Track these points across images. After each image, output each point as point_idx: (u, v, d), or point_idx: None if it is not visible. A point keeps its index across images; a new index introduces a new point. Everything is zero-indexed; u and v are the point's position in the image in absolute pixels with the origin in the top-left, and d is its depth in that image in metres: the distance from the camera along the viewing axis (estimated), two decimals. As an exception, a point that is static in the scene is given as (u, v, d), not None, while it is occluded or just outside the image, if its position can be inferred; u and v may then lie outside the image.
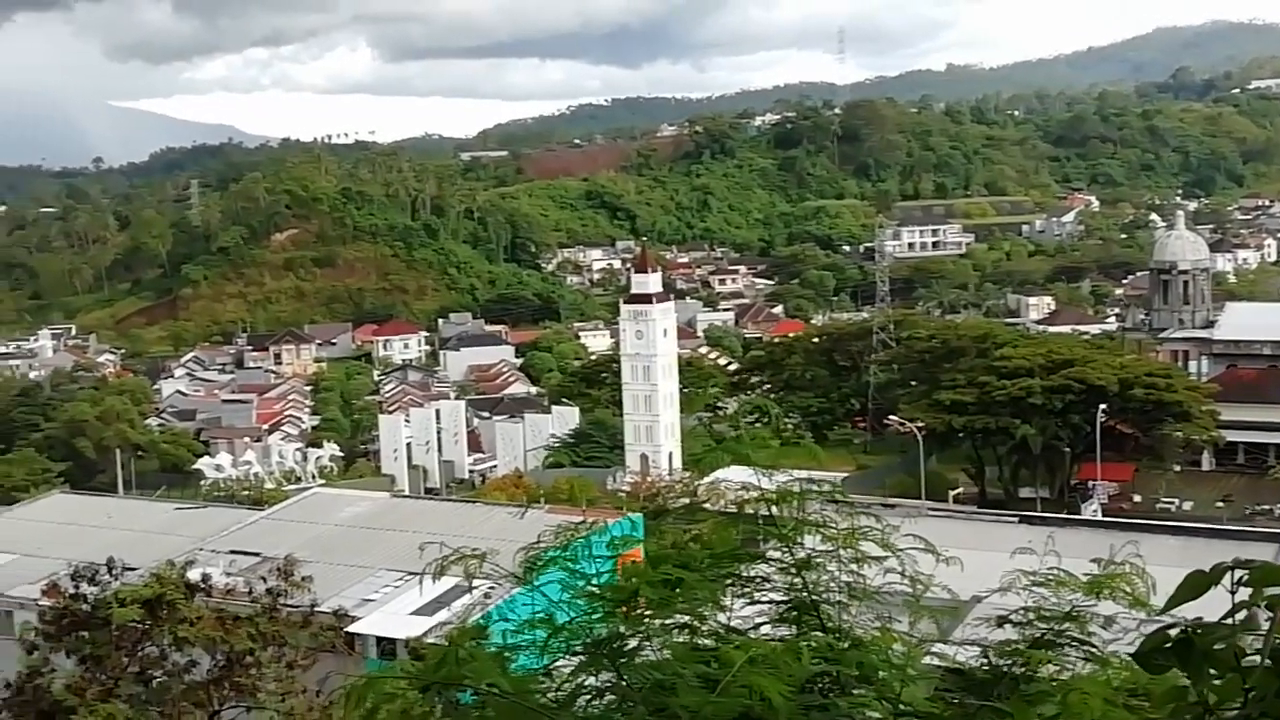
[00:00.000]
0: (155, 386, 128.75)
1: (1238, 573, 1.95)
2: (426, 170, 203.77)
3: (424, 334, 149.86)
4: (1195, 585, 1.99)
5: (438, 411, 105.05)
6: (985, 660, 4.92)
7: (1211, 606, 2.13)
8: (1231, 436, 79.24)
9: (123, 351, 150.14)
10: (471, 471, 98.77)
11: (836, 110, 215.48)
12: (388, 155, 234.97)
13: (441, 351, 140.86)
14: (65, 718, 15.26)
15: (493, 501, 61.69)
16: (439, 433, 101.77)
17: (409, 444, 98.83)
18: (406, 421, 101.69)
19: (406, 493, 77.56)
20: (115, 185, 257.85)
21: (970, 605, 5.52)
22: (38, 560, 39.22)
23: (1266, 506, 69.83)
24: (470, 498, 75.26)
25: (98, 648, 19.23)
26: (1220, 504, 70.72)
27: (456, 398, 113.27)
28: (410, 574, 37.14)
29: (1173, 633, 1.95)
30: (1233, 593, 1.95)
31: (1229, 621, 1.91)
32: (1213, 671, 1.89)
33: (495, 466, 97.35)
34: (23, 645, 21.54)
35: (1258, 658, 1.91)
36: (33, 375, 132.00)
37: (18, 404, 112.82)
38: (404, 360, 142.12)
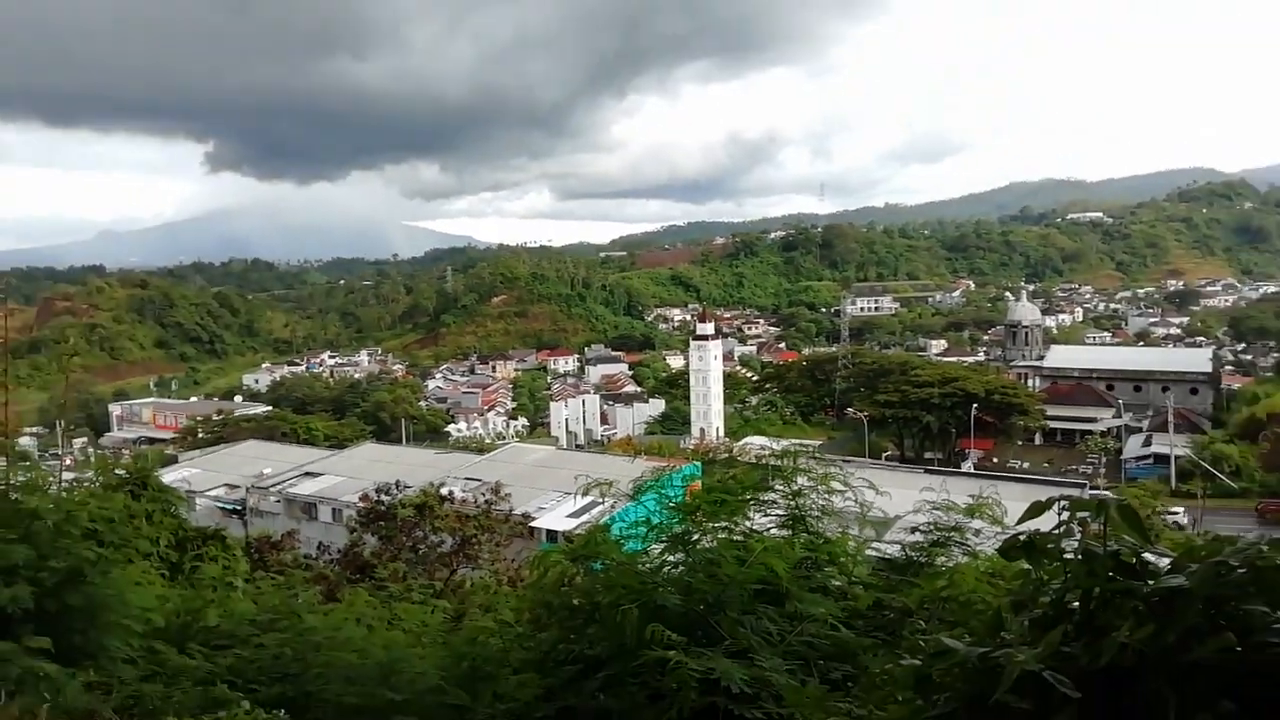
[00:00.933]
0: (424, 383, 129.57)
1: (1062, 502, 1.94)
2: (580, 263, 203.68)
3: (576, 356, 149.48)
4: (1036, 509, 1.98)
5: (584, 401, 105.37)
6: (903, 553, 4.92)
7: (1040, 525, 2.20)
8: (1053, 425, 77.38)
9: (406, 363, 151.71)
10: (603, 436, 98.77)
11: (819, 229, 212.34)
12: (558, 253, 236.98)
13: (586, 366, 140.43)
14: (370, 571, 15.32)
15: (614, 453, 61.73)
16: (584, 413, 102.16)
17: (566, 419, 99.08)
18: (566, 406, 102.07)
19: (565, 447, 77.92)
20: (404, 269, 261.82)
21: (894, 521, 5.48)
22: (356, 481, 39.46)
23: (1074, 466, 67.83)
24: (601, 450, 75.44)
25: (389, 531, 19.20)
26: (1046, 464, 68.75)
27: (594, 393, 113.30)
28: (566, 493, 37.38)
29: (1022, 538, 1.90)
30: (1059, 514, 1.92)
31: (1056, 532, 1.87)
32: (1045, 561, 1.86)
33: (616, 433, 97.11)
34: (348, 528, 22.00)
35: (1072, 555, 1.89)
36: (356, 376, 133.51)
37: (348, 392, 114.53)
38: (564, 371, 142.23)
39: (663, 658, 3.26)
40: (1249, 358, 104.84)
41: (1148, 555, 1.70)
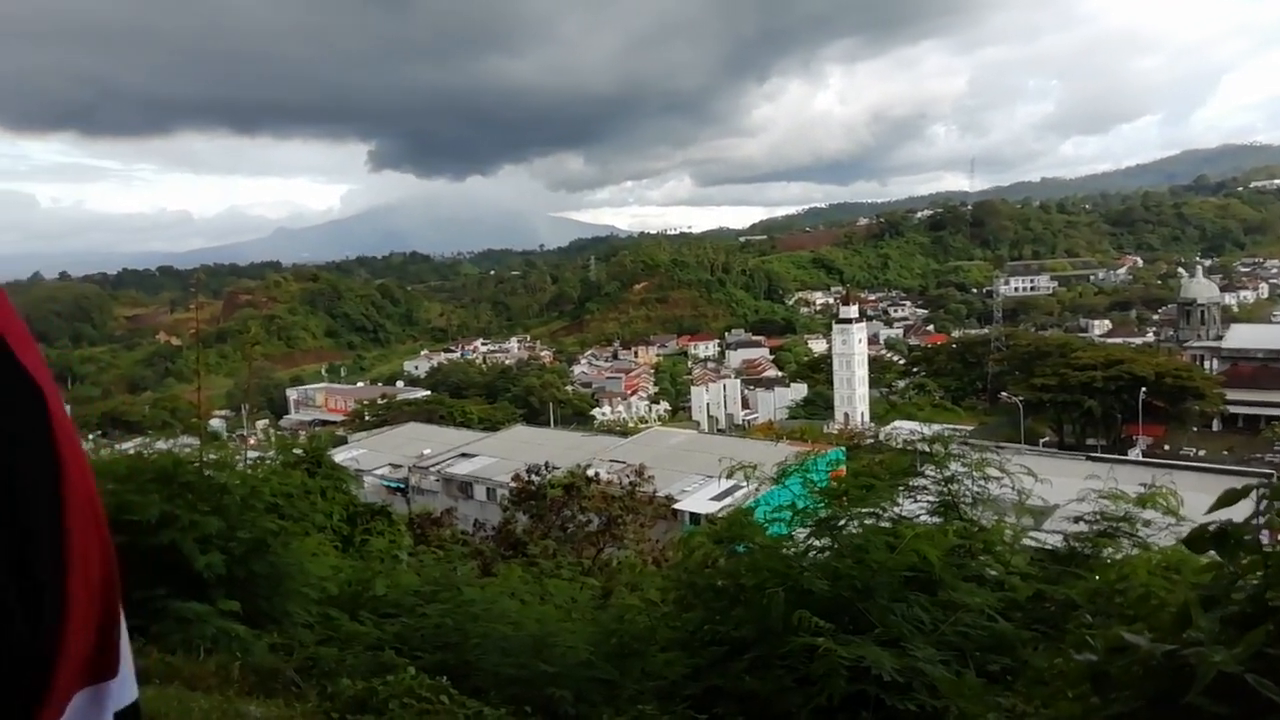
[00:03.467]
0: (570, 369, 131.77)
1: (1261, 490, 1.75)
2: (720, 248, 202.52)
3: (717, 341, 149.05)
4: (1230, 497, 1.77)
5: (724, 386, 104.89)
6: (1066, 543, 4.66)
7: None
8: (1234, 410, 71.09)
9: (553, 350, 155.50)
10: (744, 420, 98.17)
11: (968, 207, 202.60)
12: (698, 239, 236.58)
13: (726, 351, 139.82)
14: (522, 547, 15.71)
15: (756, 437, 61.25)
16: (725, 398, 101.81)
17: (708, 404, 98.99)
18: (707, 391, 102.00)
19: (706, 431, 77.89)
20: (550, 259, 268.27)
21: (1053, 510, 5.05)
22: (508, 461, 40.38)
23: (1257, 455, 62.17)
24: (742, 435, 75.02)
25: (539, 510, 19.54)
26: (1225, 453, 63.28)
27: (735, 378, 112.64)
28: (708, 477, 37.42)
29: (1211, 528, 1.71)
30: (1256, 503, 1.69)
31: (1254, 522, 1.69)
32: (1240, 554, 1.69)
33: (757, 417, 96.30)
34: (501, 507, 22.80)
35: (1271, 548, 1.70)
36: (506, 362, 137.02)
37: (499, 377, 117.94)
38: (705, 356, 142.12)
39: (811, 643, 3.21)
40: None
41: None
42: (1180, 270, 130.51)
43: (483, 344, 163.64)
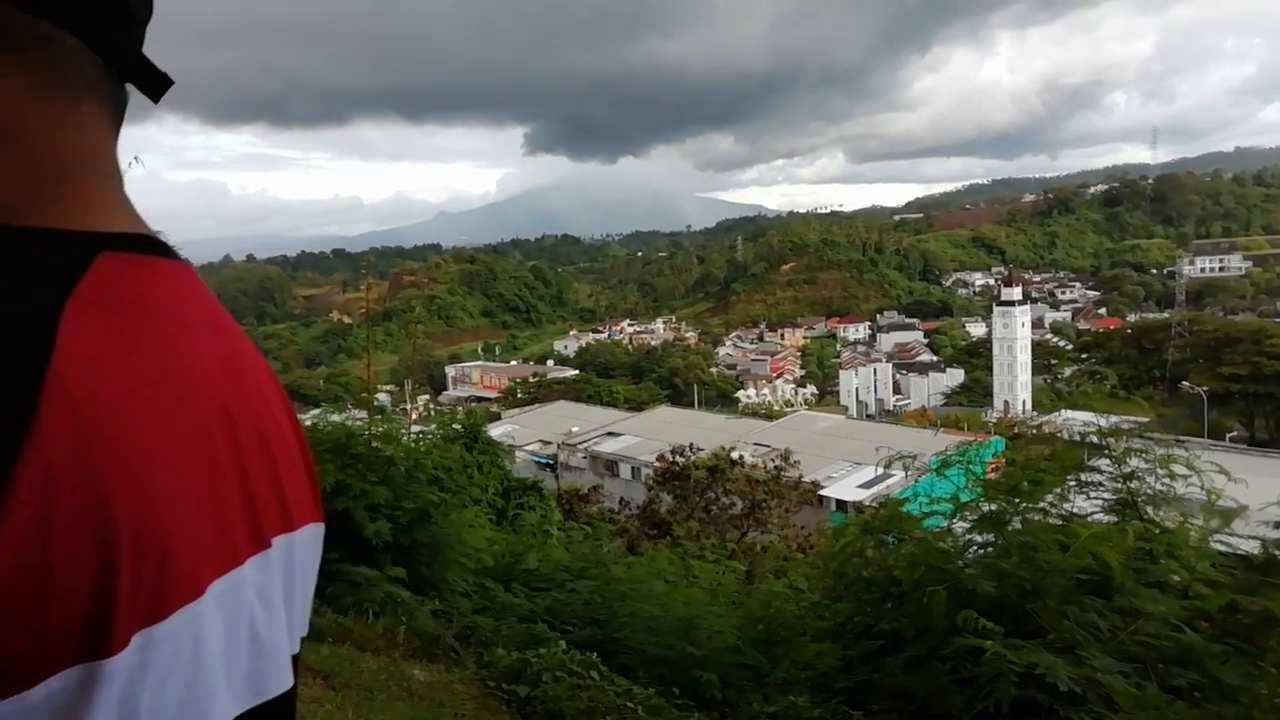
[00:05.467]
0: (715, 350, 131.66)
1: None
2: (872, 227, 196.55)
3: (868, 324, 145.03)
4: None
5: (875, 370, 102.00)
6: (1264, 550, 4.19)
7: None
8: None
9: (699, 331, 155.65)
10: (895, 406, 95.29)
11: (1149, 180, 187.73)
12: (849, 218, 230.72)
13: (878, 334, 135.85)
14: (666, 528, 15.85)
15: (908, 424, 59.39)
16: (875, 382, 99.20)
17: (856, 388, 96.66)
18: (856, 375, 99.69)
19: (854, 416, 76.15)
20: (696, 240, 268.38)
21: (1244, 512, 4.56)
22: (653, 441, 40.26)
23: None
24: (894, 421, 72.92)
25: (683, 491, 19.61)
26: None
27: (886, 362, 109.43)
28: (856, 463, 36.65)
29: None
30: None
31: None
32: None
33: (909, 403, 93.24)
34: (646, 486, 23.08)
35: None
36: (652, 342, 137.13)
37: (645, 357, 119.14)
38: (855, 339, 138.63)
39: (977, 645, 3.06)
40: None
41: None
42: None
43: (629, 325, 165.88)
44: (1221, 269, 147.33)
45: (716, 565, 7.01)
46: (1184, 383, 73.78)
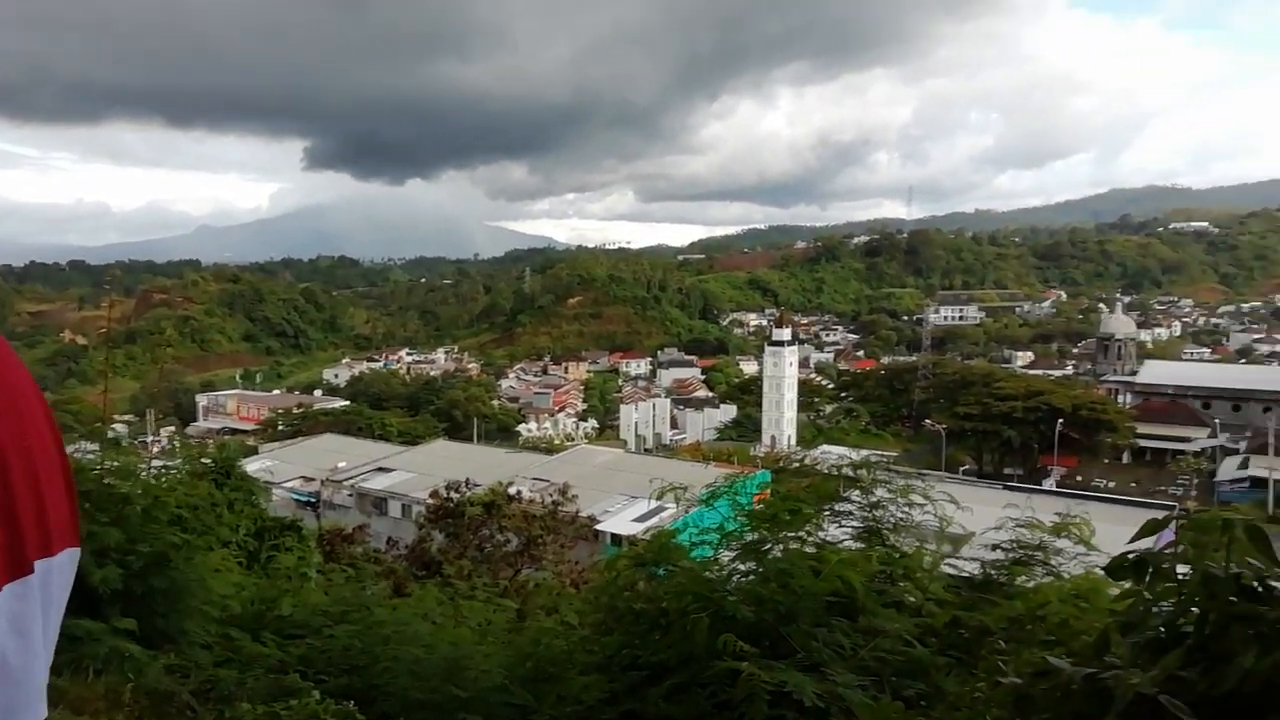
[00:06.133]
0: (498, 382, 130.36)
1: (1181, 520, 1.81)
2: (658, 265, 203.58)
3: (649, 359, 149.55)
4: (1150, 528, 1.90)
5: (654, 405, 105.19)
6: (983, 570, 4.68)
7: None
8: (1143, 444, 74.34)
9: (481, 362, 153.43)
10: (672, 440, 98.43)
11: (904, 235, 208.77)
12: (636, 255, 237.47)
13: (658, 369, 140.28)
14: (437, 567, 15.45)
15: (683, 458, 61.43)
16: (654, 417, 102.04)
17: (636, 422, 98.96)
18: (636, 409, 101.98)
19: (633, 450, 77.77)
20: (484, 268, 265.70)
21: (971, 537, 5.11)
22: (427, 477, 39.01)
23: (1163, 487, 65.03)
24: (670, 455, 75.22)
25: (457, 529, 19.27)
26: (1133, 485, 66.07)
27: (665, 397, 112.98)
28: (633, 497, 37.37)
29: (1131, 556, 1.82)
30: (1175, 532, 1.77)
31: (1170, 551, 1.79)
32: (1157, 582, 1.75)
33: (685, 437, 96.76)
34: (417, 524, 22.31)
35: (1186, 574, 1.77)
36: (432, 373, 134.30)
37: (423, 389, 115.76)
38: (637, 374, 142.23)
39: (734, 668, 3.21)
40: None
41: (1274, 578, 1.55)
42: (1101, 306, 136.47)
43: (408, 354, 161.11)
44: (961, 318, 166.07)
45: (487, 604, 6.90)
46: (927, 420, 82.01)
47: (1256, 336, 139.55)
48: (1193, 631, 1.64)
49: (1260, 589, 1.60)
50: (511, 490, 22.66)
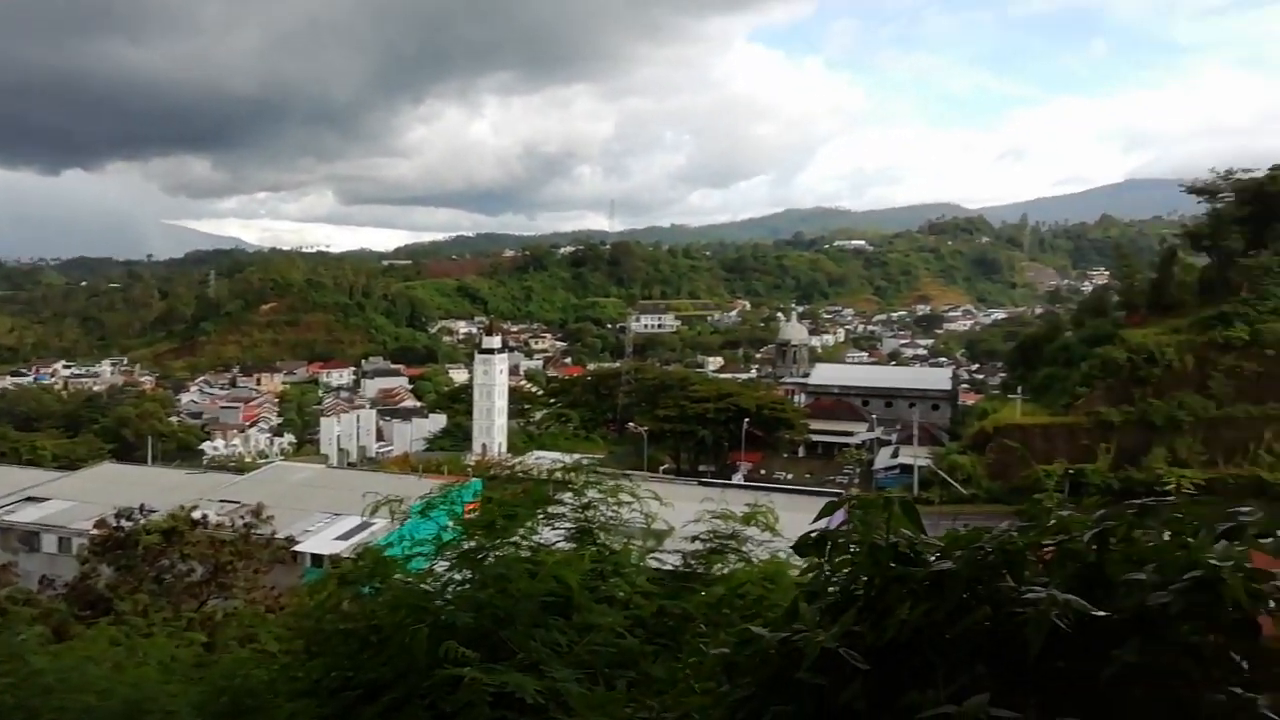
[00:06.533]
0: (177, 397, 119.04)
1: (852, 501, 2.08)
2: (360, 270, 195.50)
3: (352, 369, 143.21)
4: (830, 508, 2.16)
5: (358, 416, 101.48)
6: (684, 561, 5.03)
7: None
8: (815, 438, 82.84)
9: (157, 375, 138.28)
10: (378, 453, 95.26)
11: (607, 246, 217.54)
12: (337, 259, 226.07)
13: (362, 379, 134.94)
14: (107, 604, 13.92)
15: (390, 471, 59.79)
16: (358, 429, 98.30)
17: (338, 435, 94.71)
18: (338, 422, 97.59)
19: (335, 465, 74.33)
20: (159, 271, 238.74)
21: (672, 531, 5.47)
22: (91, 505, 35.22)
23: (832, 477, 72.86)
24: (375, 468, 72.75)
25: (129, 561, 18.02)
26: (808, 475, 73.27)
27: (370, 408, 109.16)
28: (336, 514, 35.66)
29: (813, 534, 2.08)
30: (847, 513, 2.06)
31: (845, 527, 2.04)
32: (835, 554, 2.02)
33: (392, 449, 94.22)
34: (79, 559, 19.94)
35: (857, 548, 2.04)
36: (95, 388, 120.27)
37: (85, 406, 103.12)
38: (339, 384, 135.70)
39: (455, 674, 3.20)
40: (981, 377, 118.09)
41: (921, 545, 1.86)
42: (780, 315, 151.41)
43: (65, 367, 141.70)
44: (659, 326, 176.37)
45: (170, 639, 6.27)
46: (630, 423, 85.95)
47: (904, 341, 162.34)
48: (862, 594, 1.91)
49: (912, 554, 1.90)
50: (196, 514, 21.05)
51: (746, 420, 74.01)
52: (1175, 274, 70.13)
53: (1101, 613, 1.61)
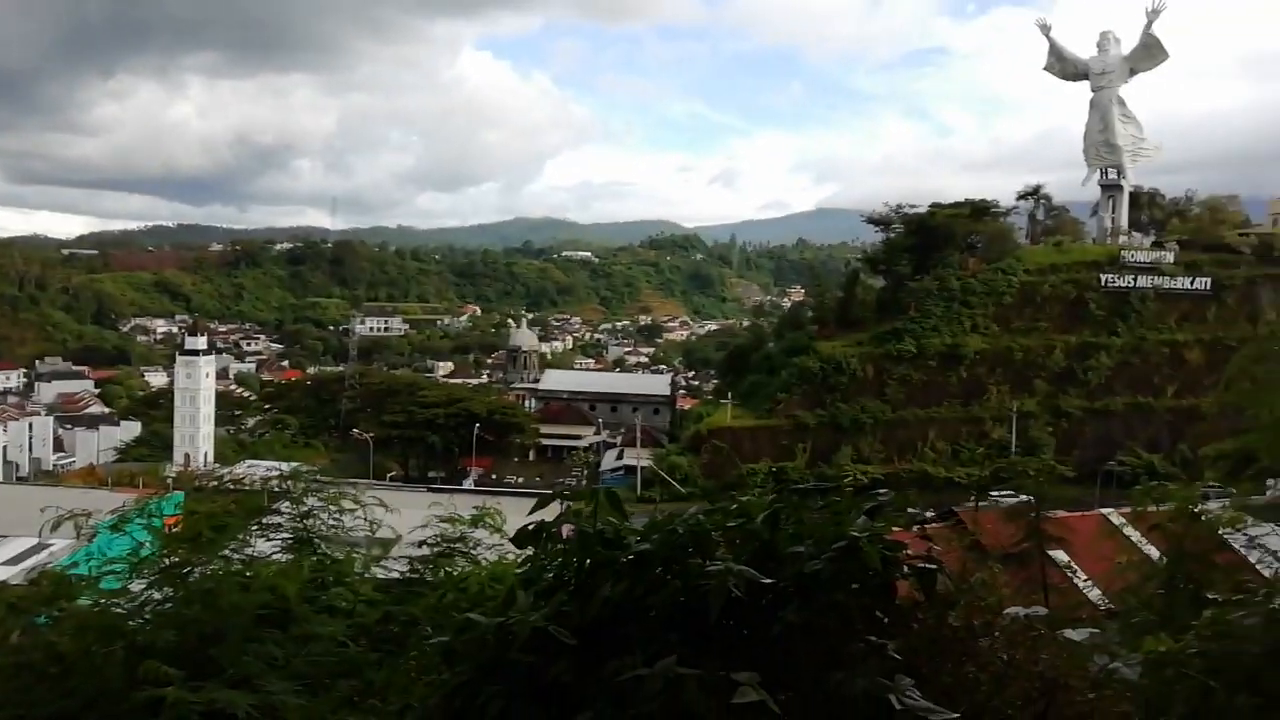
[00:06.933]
0: None
1: (564, 494, 2.30)
2: (35, 259, 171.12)
3: (23, 370, 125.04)
4: (544, 502, 2.34)
5: (31, 424, 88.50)
6: (411, 567, 5.08)
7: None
8: (546, 442, 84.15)
9: None
10: (56, 466, 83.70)
11: (329, 244, 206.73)
12: (6, 246, 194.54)
13: (36, 383, 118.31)
14: None
15: (72, 484, 53.06)
16: (31, 439, 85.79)
17: (4, 446, 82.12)
18: (5, 430, 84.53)
19: (2, 480, 64.46)
20: None
21: (400, 539, 5.59)
22: None
23: (562, 479, 74.02)
24: (52, 483, 63.99)
25: None
26: (538, 478, 74.09)
27: (47, 415, 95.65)
28: (3, 536, 31.07)
29: (530, 527, 2.23)
30: (560, 508, 2.30)
31: (555, 519, 2.26)
32: (549, 544, 2.19)
33: (74, 462, 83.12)
34: None
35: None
36: None
37: None
38: (5, 388, 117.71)
39: (156, 696, 3.00)
40: (696, 383, 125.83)
41: (625, 530, 2.08)
42: (510, 321, 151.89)
43: None
44: (386, 329, 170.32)
45: None
46: (355, 429, 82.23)
47: (627, 349, 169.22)
48: (573, 577, 2.09)
49: (616, 539, 2.11)
50: None
51: (477, 425, 73.50)
52: (858, 294, 78.97)
53: (770, 581, 1.92)
